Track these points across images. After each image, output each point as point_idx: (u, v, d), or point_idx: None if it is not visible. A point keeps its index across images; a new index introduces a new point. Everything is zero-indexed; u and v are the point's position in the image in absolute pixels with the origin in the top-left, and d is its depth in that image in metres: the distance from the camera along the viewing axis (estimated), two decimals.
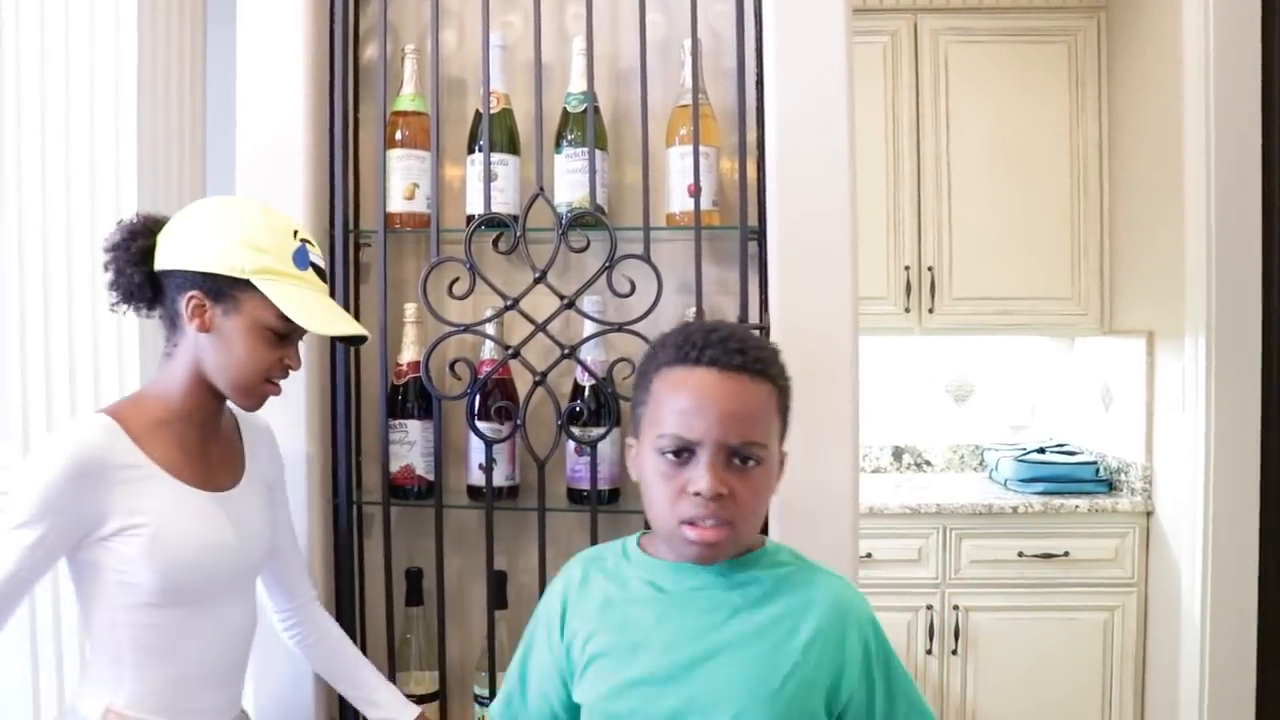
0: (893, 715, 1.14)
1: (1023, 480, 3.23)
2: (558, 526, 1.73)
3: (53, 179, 1.98)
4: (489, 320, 1.64)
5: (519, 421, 1.63)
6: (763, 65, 1.63)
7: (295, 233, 1.32)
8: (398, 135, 1.70)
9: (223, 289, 1.27)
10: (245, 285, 1.27)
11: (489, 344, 1.69)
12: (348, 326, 1.35)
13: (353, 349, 1.74)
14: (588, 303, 1.63)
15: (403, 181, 1.69)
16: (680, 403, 1.08)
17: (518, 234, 1.60)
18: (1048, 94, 3.34)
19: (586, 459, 1.64)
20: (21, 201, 1.99)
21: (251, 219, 1.29)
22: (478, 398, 1.65)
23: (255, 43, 1.68)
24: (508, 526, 1.77)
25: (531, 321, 1.60)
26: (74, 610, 1.62)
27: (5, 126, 2.00)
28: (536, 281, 1.60)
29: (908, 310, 3.35)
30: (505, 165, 1.68)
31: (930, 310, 3.35)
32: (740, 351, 1.10)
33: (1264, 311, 2.66)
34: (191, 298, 1.27)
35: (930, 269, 3.34)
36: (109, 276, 1.31)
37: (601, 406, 1.65)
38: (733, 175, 1.71)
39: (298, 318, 1.27)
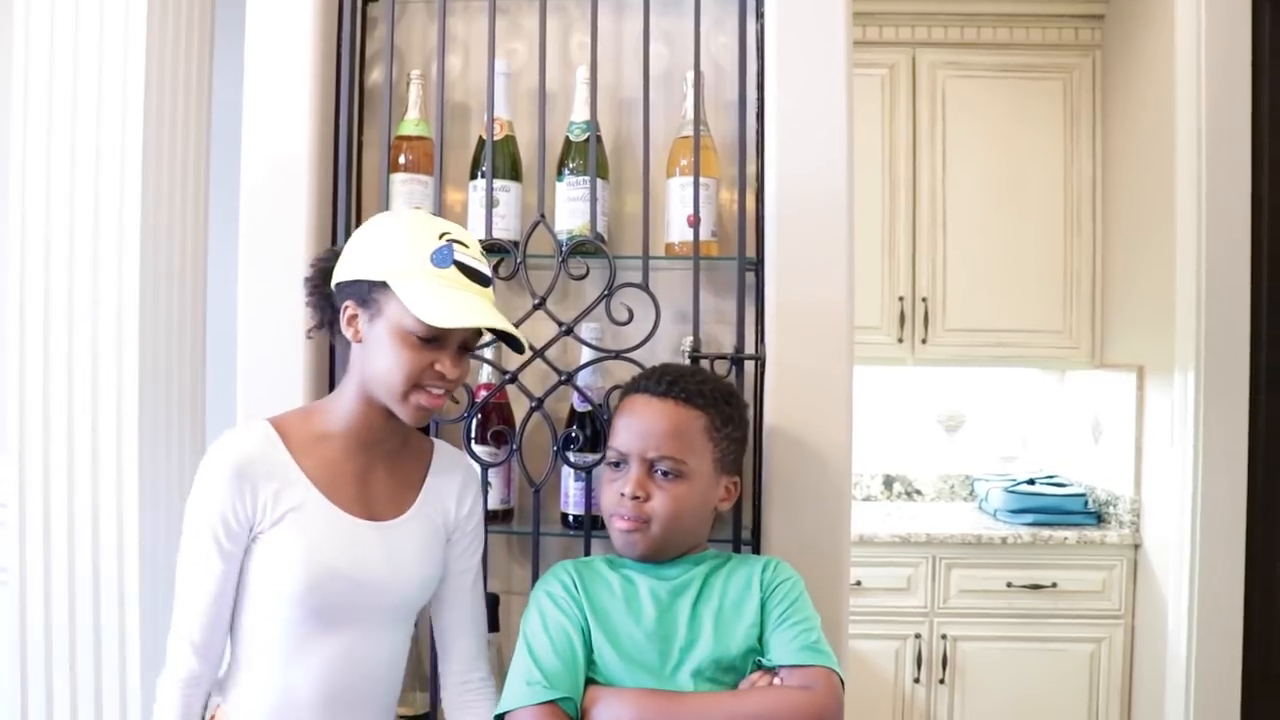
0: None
1: (1012, 511, 3.24)
2: (551, 551, 1.74)
3: (57, 199, 2.00)
4: (487, 345, 1.65)
5: (515, 446, 1.65)
6: (764, 98, 1.66)
7: (443, 235, 1.26)
8: (401, 159, 1.71)
9: (366, 295, 1.25)
10: (384, 288, 1.24)
11: (487, 368, 1.70)
12: (477, 317, 1.23)
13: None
14: (586, 330, 1.65)
15: (405, 205, 1.71)
16: (619, 422, 1.37)
17: (518, 260, 1.62)
18: (1043, 129, 3.37)
19: (582, 484, 1.65)
20: (25, 223, 2.00)
21: (397, 224, 1.28)
22: (475, 421, 1.66)
23: (261, 66, 1.70)
24: (502, 550, 1.78)
25: (530, 347, 1.61)
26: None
27: (11, 149, 2.01)
28: (536, 308, 1.61)
29: (901, 340, 3.38)
30: (507, 192, 1.70)
31: (923, 341, 3.37)
32: (672, 382, 1.35)
33: (1252, 348, 2.70)
34: (346, 308, 1.28)
35: (924, 300, 3.37)
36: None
37: (597, 432, 1.66)
38: (732, 206, 1.73)
39: (419, 312, 1.20)
